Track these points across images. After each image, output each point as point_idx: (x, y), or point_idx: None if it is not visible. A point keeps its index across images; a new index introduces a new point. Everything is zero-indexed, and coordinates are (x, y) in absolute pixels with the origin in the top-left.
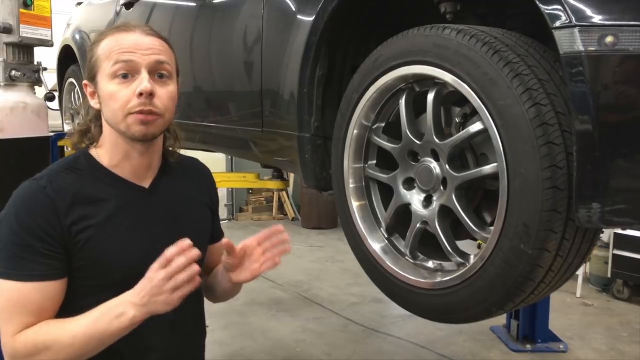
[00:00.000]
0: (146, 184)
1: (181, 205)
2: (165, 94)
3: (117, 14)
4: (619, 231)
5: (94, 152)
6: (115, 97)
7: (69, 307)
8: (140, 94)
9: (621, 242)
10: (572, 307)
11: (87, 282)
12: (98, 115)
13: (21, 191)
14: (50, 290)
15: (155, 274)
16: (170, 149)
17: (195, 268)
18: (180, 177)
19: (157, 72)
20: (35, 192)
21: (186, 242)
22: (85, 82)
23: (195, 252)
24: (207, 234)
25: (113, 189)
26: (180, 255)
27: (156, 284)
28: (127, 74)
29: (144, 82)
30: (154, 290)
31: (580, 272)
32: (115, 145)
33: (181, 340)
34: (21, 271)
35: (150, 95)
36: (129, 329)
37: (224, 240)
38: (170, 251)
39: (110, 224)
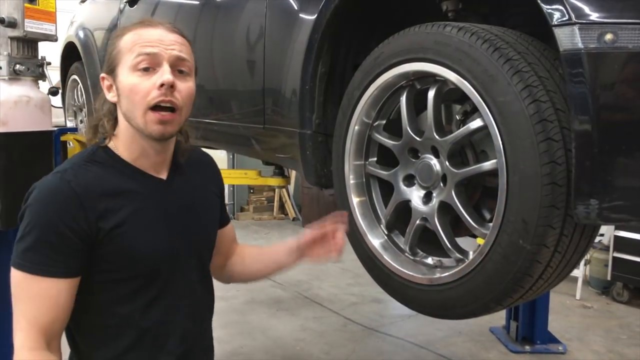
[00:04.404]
0: (163, 176)
1: (194, 196)
2: (185, 89)
3: (121, 11)
4: (619, 233)
5: (111, 144)
6: (136, 89)
7: (86, 303)
8: (162, 85)
9: (621, 244)
10: (571, 309)
11: (109, 275)
12: (112, 109)
13: (45, 185)
14: (61, 287)
15: None
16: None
17: None
18: (190, 168)
19: (177, 68)
20: (60, 186)
21: None
22: (102, 75)
23: None
24: (217, 222)
25: (135, 182)
26: None
27: None
28: (149, 67)
29: (165, 73)
30: None
31: (579, 275)
32: (133, 141)
33: (199, 328)
34: (38, 265)
35: (171, 87)
36: None
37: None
38: None
39: (136, 216)
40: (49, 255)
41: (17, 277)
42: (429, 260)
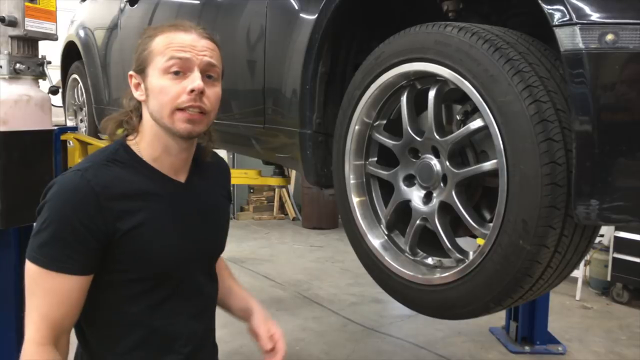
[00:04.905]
0: (182, 179)
1: (210, 200)
2: (213, 94)
3: (121, 10)
4: (619, 234)
5: (132, 144)
6: (166, 91)
7: (96, 300)
8: (192, 91)
9: (621, 245)
10: (571, 309)
11: (121, 275)
12: (138, 106)
13: (65, 182)
14: (74, 284)
15: None
16: (203, 145)
17: None
18: (207, 171)
19: (206, 73)
20: (80, 185)
21: None
22: (130, 73)
23: None
24: (228, 224)
25: (154, 184)
26: None
27: None
28: (179, 71)
29: (196, 80)
30: None
31: (579, 275)
32: (157, 139)
33: (204, 328)
34: (52, 260)
35: (201, 93)
36: None
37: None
38: None
39: (153, 218)
40: (64, 251)
41: (31, 270)
42: (429, 261)
